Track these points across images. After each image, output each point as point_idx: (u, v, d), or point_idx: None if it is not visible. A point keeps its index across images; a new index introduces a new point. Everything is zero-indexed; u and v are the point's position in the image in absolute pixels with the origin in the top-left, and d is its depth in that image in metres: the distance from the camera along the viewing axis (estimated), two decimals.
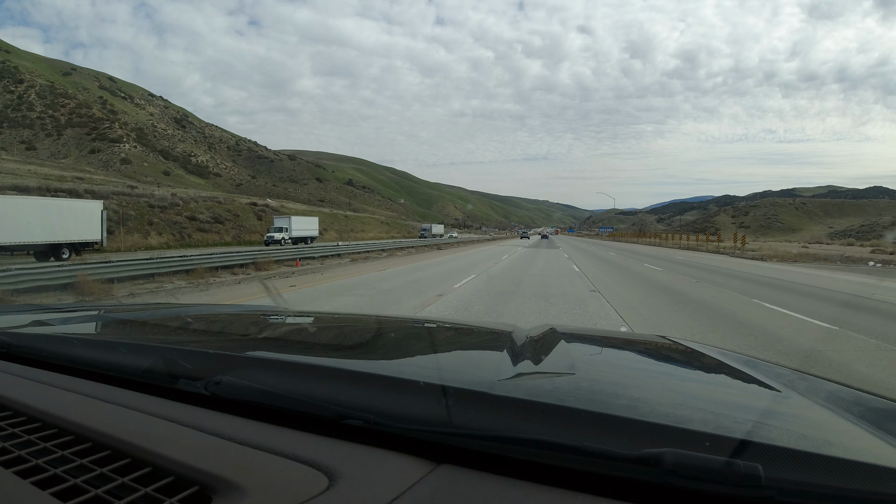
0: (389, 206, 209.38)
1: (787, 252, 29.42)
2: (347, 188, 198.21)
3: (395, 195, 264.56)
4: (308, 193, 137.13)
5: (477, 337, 1.45)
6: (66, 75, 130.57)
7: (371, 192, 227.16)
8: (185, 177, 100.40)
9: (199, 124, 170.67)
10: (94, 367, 0.91)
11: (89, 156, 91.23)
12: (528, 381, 0.81)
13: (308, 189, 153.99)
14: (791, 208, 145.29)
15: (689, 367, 1.12)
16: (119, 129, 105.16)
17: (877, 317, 7.88)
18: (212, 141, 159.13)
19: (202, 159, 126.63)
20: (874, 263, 21.01)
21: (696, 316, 7.79)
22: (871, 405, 0.82)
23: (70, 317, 1.59)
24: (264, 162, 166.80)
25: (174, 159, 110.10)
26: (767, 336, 6.18)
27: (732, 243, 34.10)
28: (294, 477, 0.54)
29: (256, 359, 0.94)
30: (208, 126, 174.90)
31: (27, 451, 0.61)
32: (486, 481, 0.54)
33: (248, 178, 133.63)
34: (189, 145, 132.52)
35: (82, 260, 18.00)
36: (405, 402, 0.68)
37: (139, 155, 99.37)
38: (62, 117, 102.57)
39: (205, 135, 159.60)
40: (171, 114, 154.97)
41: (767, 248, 34.61)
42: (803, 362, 4.99)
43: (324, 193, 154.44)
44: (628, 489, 0.53)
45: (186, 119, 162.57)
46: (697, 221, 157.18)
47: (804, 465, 0.51)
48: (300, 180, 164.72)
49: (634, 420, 0.60)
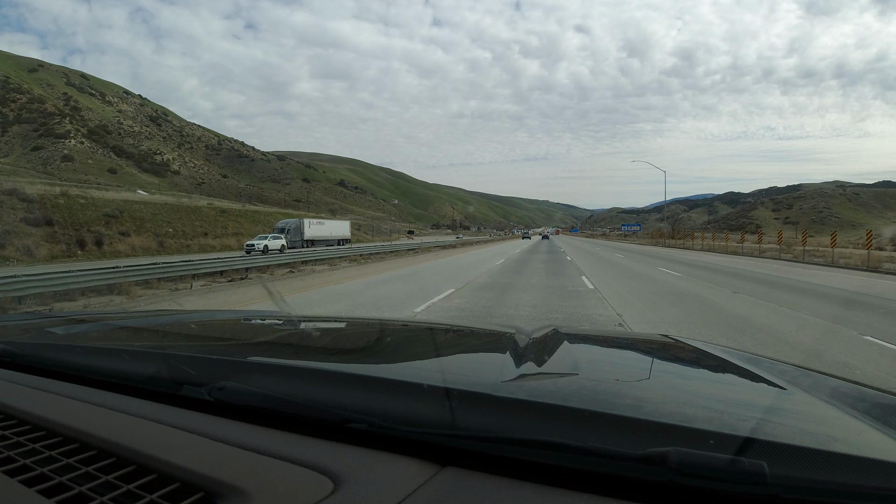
0: (382, 206, 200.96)
1: (878, 256, 20.39)
2: (337, 189, 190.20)
3: (391, 196, 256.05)
4: (285, 194, 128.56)
5: (479, 339, 1.45)
6: (32, 72, 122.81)
7: (363, 193, 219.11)
8: (136, 175, 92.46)
9: (179, 123, 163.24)
10: (98, 375, 0.91)
11: (31, 153, 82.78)
12: (531, 381, 0.80)
13: (290, 189, 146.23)
14: (843, 200, 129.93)
15: (692, 365, 1.11)
16: (69, 124, 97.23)
17: None
18: (190, 140, 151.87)
19: (168, 157, 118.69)
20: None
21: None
22: (875, 401, 0.81)
23: (73, 325, 1.59)
24: (244, 161, 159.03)
25: (128, 156, 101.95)
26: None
27: (803, 245, 25.08)
28: (299, 481, 0.54)
29: (259, 364, 0.94)
30: (189, 125, 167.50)
31: (32, 459, 0.60)
32: (490, 483, 0.54)
33: (219, 177, 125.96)
34: (157, 143, 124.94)
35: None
36: (409, 405, 0.67)
37: (85, 152, 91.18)
38: (11, 113, 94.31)
39: (183, 133, 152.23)
40: (146, 111, 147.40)
41: (847, 253, 25.10)
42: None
43: (307, 194, 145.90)
44: (634, 489, 0.53)
45: (164, 117, 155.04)
46: (731, 217, 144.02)
47: (809, 462, 0.51)
48: (283, 180, 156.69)
49: (639, 419, 0.60)
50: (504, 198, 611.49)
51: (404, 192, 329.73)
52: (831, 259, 21.28)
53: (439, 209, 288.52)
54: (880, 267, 17.53)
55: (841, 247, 26.51)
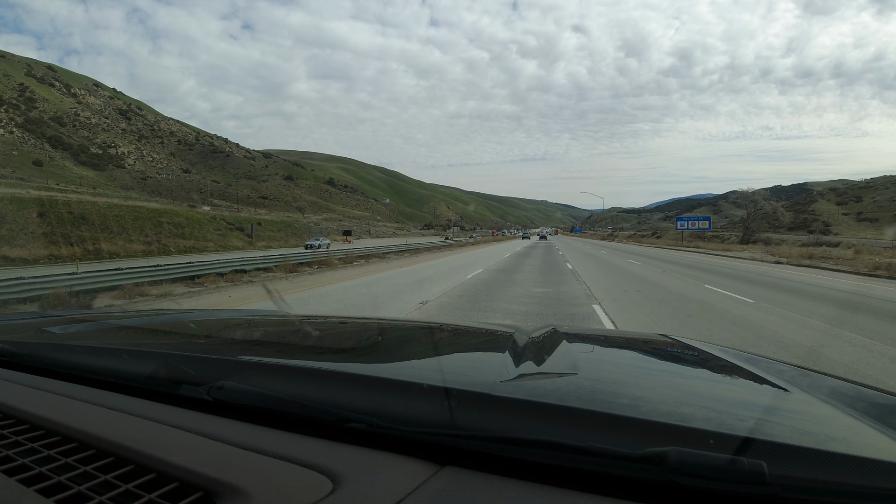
0: (370, 206, 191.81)
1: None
2: (324, 187, 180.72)
3: (383, 195, 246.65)
4: (251, 189, 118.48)
5: (479, 338, 1.45)
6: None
7: (353, 192, 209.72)
8: (69, 168, 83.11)
9: (155, 118, 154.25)
10: (97, 374, 0.91)
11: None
12: (530, 381, 0.80)
13: (267, 186, 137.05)
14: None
15: (691, 365, 1.11)
16: (3, 113, 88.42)
17: None
18: (161, 134, 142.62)
19: (123, 150, 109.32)
20: None
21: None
22: (873, 400, 0.81)
23: (72, 324, 1.58)
24: (219, 157, 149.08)
25: (66, 148, 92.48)
26: None
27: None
28: (298, 481, 0.54)
29: (258, 363, 0.94)
30: (165, 120, 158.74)
31: (30, 459, 0.60)
32: (490, 482, 0.54)
33: (180, 172, 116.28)
34: (114, 135, 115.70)
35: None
36: (408, 405, 0.67)
37: (12, 142, 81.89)
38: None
39: (155, 128, 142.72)
40: (116, 105, 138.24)
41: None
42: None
43: (286, 192, 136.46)
44: (632, 488, 0.52)
45: (139, 111, 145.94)
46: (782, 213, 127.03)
47: (808, 462, 0.51)
48: (260, 177, 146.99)
49: (637, 419, 0.60)
50: (502, 198, 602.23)
51: (398, 192, 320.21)
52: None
53: (434, 208, 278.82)
54: None
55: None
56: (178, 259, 21.96)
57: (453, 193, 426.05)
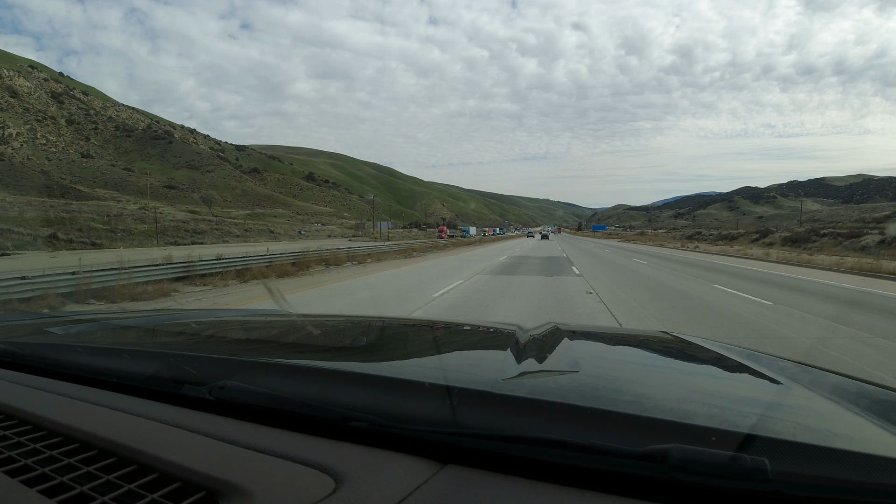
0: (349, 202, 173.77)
1: None
2: (296, 182, 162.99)
3: (371, 191, 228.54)
4: (190, 181, 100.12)
5: (480, 336, 1.44)
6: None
7: (335, 188, 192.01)
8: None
9: (104, 104, 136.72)
10: (99, 375, 0.91)
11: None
12: (532, 379, 0.80)
13: (212, 177, 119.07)
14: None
15: (692, 362, 1.11)
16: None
17: None
18: (97, 119, 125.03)
19: (10, 132, 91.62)
20: None
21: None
22: (875, 397, 0.81)
23: (74, 324, 1.58)
24: (159, 145, 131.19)
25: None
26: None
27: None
28: (300, 480, 0.54)
29: (260, 363, 0.94)
30: (115, 106, 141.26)
31: (33, 459, 0.60)
32: (492, 481, 0.54)
33: (78, 157, 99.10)
34: (8, 115, 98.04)
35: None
36: (410, 403, 0.67)
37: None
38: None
39: (90, 112, 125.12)
40: (49, 87, 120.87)
41: None
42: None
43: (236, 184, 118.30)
44: (635, 486, 0.52)
45: (84, 95, 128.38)
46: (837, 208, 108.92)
47: (811, 458, 0.51)
48: (203, 167, 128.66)
49: (639, 416, 0.60)
50: (504, 196, 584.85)
51: (390, 188, 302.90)
52: None
53: (428, 206, 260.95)
54: None
55: None
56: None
57: (450, 191, 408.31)
